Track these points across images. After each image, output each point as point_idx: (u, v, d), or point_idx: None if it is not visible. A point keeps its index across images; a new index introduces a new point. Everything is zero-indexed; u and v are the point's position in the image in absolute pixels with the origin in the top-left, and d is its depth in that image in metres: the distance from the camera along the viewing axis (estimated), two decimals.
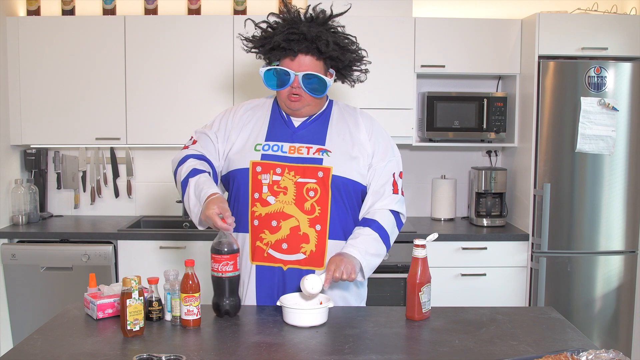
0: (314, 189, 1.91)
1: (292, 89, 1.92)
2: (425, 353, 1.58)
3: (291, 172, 1.92)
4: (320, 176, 1.91)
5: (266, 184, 1.91)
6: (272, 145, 1.96)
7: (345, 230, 1.96)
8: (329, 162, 1.93)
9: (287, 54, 1.91)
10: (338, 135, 2.00)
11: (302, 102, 1.95)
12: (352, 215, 1.99)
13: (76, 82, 3.53)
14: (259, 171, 1.92)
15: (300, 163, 1.93)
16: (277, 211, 1.90)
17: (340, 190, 1.93)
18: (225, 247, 1.76)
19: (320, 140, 1.98)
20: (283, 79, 1.92)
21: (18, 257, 3.32)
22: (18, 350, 1.58)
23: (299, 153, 1.95)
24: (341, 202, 1.94)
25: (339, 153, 1.96)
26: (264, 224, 1.91)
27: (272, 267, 1.91)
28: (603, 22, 3.38)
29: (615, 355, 1.42)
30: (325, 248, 1.91)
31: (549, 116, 3.37)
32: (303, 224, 1.90)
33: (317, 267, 1.91)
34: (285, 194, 1.91)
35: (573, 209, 3.39)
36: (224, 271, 1.76)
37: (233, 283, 1.79)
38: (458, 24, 3.54)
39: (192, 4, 3.65)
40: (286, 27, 1.90)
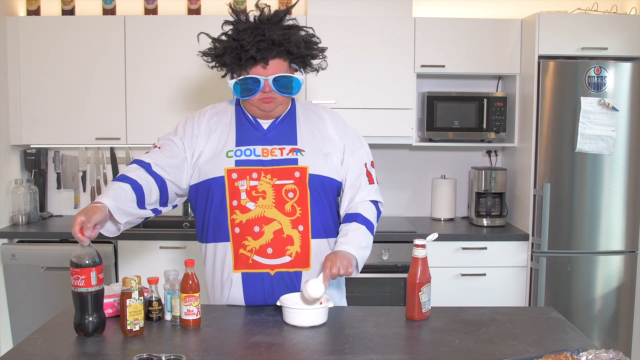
0: (292, 189, 1.90)
1: (264, 93, 1.89)
2: (425, 353, 1.58)
3: (267, 175, 1.90)
4: (297, 176, 1.90)
5: (244, 190, 1.88)
6: (244, 149, 1.93)
7: (326, 229, 1.96)
8: (304, 162, 1.92)
9: (259, 63, 1.86)
10: (308, 133, 1.99)
11: (275, 103, 1.92)
12: (330, 212, 1.99)
13: (76, 82, 3.53)
14: (235, 178, 1.89)
15: (276, 165, 1.91)
16: (258, 216, 1.88)
17: (318, 188, 1.93)
18: (76, 260, 1.63)
19: (292, 140, 1.96)
20: (253, 86, 1.88)
21: (18, 257, 3.32)
22: (18, 350, 1.58)
23: (273, 155, 1.92)
24: (320, 201, 1.94)
25: (312, 151, 1.95)
26: (246, 231, 1.88)
27: (260, 273, 1.89)
28: (603, 22, 3.38)
29: (615, 355, 1.42)
30: (309, 248, 1.90)
31: (549, 116, 3.37)
32: (286, 226, 1.89)
33: (303, 267, 1.90)
34: (265, 198, 1.88)
35: (573, 209, 3.39)
36: (76, 285, 1.64)
37: (84, 299, 1.64)
38: (458, 24, 3.54)
39: (192, 4, 3.65)
40: (250, 35, 1.85)
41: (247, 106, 1.96)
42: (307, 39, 1.95)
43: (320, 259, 1.91)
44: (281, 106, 1.95)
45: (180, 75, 3.52)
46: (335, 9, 3.53)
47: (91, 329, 1.65)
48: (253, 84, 1.88)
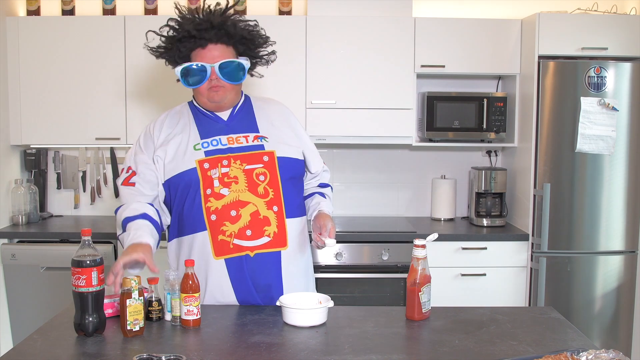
0: (263, 172, 1.94)
1: (211, 81, 1.94)
2: (425, 353, 1.58)
3: (237, 161, 1.94)
4: (266, 160, 1.96)
5: (216, 178, 1.91)
6: (210, 140, 1.98)
7: (299, 208, 2.04)
8: (270, 147, 1.98)
9: (198, 44, 1.93)
10: (266, 123, 2.05)
11: (224, 92, 1.97)
12: (300, 192, 2.10)
13: (76, 82, 3.53)
14: (207, 167, 1.93)
15: (244, 151, 1.96)
16: (233, 201, 1.91)
17: (287, 170, 1.99)
18: (78, 260, 1.64)
19: (253, 128, 2.02)
20: (200, 74, 1.94)
21: (18, 257, 3.32)
22: (18, 350, 1.58)
23: (239, 142, 1.98)
24: (290, 181, 2.00)
25: (274, 137, 2.02)
26: (223, 216, 1.90)
27: (240, 256, 1.90)
28: (603, 22, 3.38)
29: (615, 355, 1.42)
30: (285, 228, 1.94)
31: (549, 116, 3.37)
32: (261, 207, 1.92)
33: (281, 247, 1.93)
34: (237, 183, 1.92)
35: (573, 209, 3.39)
36: (77, 285, 1.64)
37: (84, 299, 1.65)
38: (458, 24, 3.54)
39: (192, 4, 3.65)
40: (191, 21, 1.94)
41: (199, 98, 2.02)
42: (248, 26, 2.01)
43: (295, 237, 1.97)
44: (231, 95, 2.00)
45: None
46: (335, 9, 3.53)
47: (91, 329, 1.65)
48: (199, 72, 1.94)
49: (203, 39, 1.93)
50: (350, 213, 3.95)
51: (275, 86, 3.38)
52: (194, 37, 1.93)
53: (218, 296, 1.95)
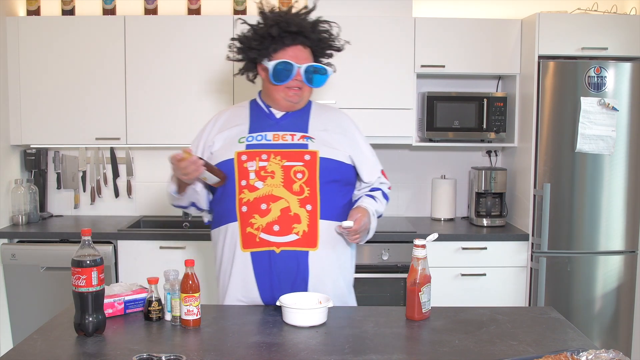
0: (301, 171, 1.93)
1: (296, 82, 1.99)
2: (425, 353, 1.58)
3: (277, 156, 1.94)
4: (307, 159, 1.95)
5: (253, 171, 1.93)
6: (256, 135, 2.00)
7: (336, 211, 1.98)
8: (314, 147, 1.98)
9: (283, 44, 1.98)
10: (319, 126, 2.05)
11: (301, 95, 2.02)
12: (342, 196, 2.03)
13: (76, 82, 3.53)
14: (244, 159, 1.94)
15: (286, 148, 1.96)
16: (266, 194, 1.91)
17: (328, 171, 1.96)
18: (78, 260, 1.64)
19: (303, 128, 2.03)
20: (285, 73, 1.98)
21: (18, 257, 3.32)
22: (18, 350, 1.58)
23: (284, 140, 1.98)
24: (330, 183, 1.97)
25: (322, 141, 2.00)
26: (253, 209, 1.91)
27: (266, 251, 1.90)
28: (603, 22, 3.38)
29: (615, 355, 1.42)
30: (317, 228, 1.91)
31: (549, 116, 3.37)
32: (293, 204, 1.91)
33: (310, 247, 1.90)
34: (273, 178, 1.92)
35: (573, 209, 3.39)
36: (77, 285, 1.64)
37: (84, 299, 1.65)
38: (458, 24, 3.54)
39: (192, 4, 3.65)
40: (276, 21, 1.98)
41: (273, 95, 2.03)
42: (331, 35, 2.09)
43: (329, 240, 1.94)
44: (306, 98, 2.06)
45: (180, 75, 3.52)
46: (335, 9, 3.51)
47: (91, 329, 1.65)
48: (286, 71, 1.97)
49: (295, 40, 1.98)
50: None
51: None
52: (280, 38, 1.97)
53: (240, 289, 1.95)
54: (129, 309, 1.83)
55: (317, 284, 1.93)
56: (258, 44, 2.00)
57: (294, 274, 1.91)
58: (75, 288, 1.65)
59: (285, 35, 1.98)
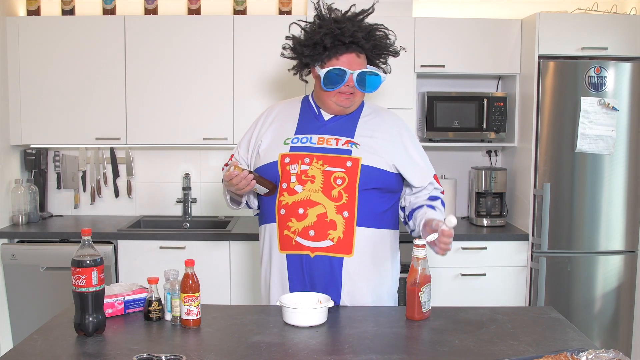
0: (341, 177, 1.93)
1: (347, 87, 1.98)
2: (425, 353, 1.58)
3: (319, 161, 1.94)
4: (349, 165, 1.94)
5: (294, 174, 1.94)
6: (302, 137, 2.00)
7: (375, 219, 1.97)
8: (357, 154, 1.96)
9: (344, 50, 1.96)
10: (367, 131, 2.03)
11: (353, 100, 2.01)
12: (383, 204, 2.00)
13: (76, 82, 3.53)
14: (287, 162, 1.96)
15: (329, 153, 1.95)
16: (304, 199, 1.91)
17: (370, 178, 1.95)
18: (78, 260, 1.64)
19: (350, 133, 2.01)
20: (338, 79, 1.97)
21: (18, 257, 3.32)
22: (18, 350, 1.58)
23: (328, 144, 1.97)
24: (371, 191, 1.95)
25: (367, 147, 1.98)
26: (291, 212, 1.92)
27: (300, 254, 1.92)
28: (603, 22, 3.38)
29: (615, 355, 1.42)
30: (353, 235, 1.91)
31: (549, 116, 3.37)
32: (330, 210, 1.91)
33: (345, 254, 1.91)
34: (313, 182, 1.92)
35: (573, 209, 3.38)
36: (77, 285, 1.64)
37: (84, 298, 1.65)
38: (458, 24, 3.53)
39: (192, 4, 3.65)
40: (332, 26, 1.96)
41: (324, 99, 2.02)
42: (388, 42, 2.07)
43: (365, 247, 1.93)
44: (358, 103, 2.05)
45: (180, 75, 3.52)
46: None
47: (91, 329, 1.65)
48: (338, 77, 1.96)
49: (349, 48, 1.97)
50: None
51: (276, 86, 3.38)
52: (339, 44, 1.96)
53: (278, 289, 1.98)
54: (129, 309, 1.83)
55: (352, 290, 1.94)
56: (311, 50, 2.00)
57: (327, 279, 1.92)
58: (75, 288, 1.65)
59: (339, 44, 1.97)
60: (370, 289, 1.97)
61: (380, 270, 2.01)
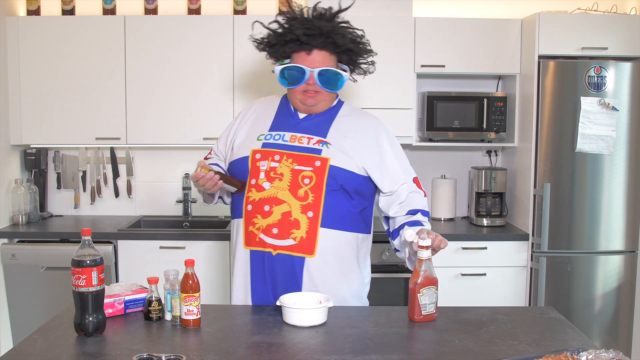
0: (309, 176, 1.92)
1: (308, 85, 1.97)
2: (425, 353, 1.58)
3: (289, 159, 1.93)
4: (318, 165, 1.92)
5: (263, 170, 1.94)
6: (275, 134, 2.00)
7: (340, 221, 1.95)
8: (327, 154, 1.94)
9: (303, 48, 1.96)
10: (340, 132, 2.01)
11: (318, 98, 2.00)
12: (350, 206, 1.98)
13: (76, 82, 3.53)
14: (258, 158, 1.96)
15: (299, 151, 1.95)
16: (271, 196, 1.91)
17: (337, 180, 1.93)
18: (78, 260, 1.64)
19: (323, 133, 1.99)
20: (297, 76, 1.97)
21: (18, 257, 3.32)
22: (18, 350, 1.58)
23: (300, 142, 1.97)
24: (338, 192, 1.94)
25: (338, 148, 1.97)
26: (257, 209, 1.92)
27: (263, 252, 1.92)
28: (603, 22, 3.38)
29: (615, 355, 1.42)
30: (316, 235, 1.90)
31: (549, 116, 3.37)
32: (295, 209, 1.90)
33: (308, 254, 1.90)
34: (281, 180, 1.92)
35: (573, 209, 3.39)
36: (77, 285, 1.64)
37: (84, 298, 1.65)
38: (458, 24, 3.53)
39: (192, 4, 3.65)
40: (300, 23, 1.96)
41: (291, 98, 2.04)
42: (355, 36, 2.03)
43: (328, 248, 1.92)
44: (324, 102, 2.02)
45: (180, 75, 3.52)
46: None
47: (91, 329, 1.65)
48: (298, 74, 1.96)
49: (309, 45, 1.95)
50: None
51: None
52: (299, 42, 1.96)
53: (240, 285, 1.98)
54: (129, 309, 1.83)
55: (313, 290, 1.92)
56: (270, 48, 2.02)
57: (288, 278, 1.91)
58: (75, 288, 1.65)
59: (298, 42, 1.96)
60: (332, 291, 1.94)
61: (345, 273, 1.98)
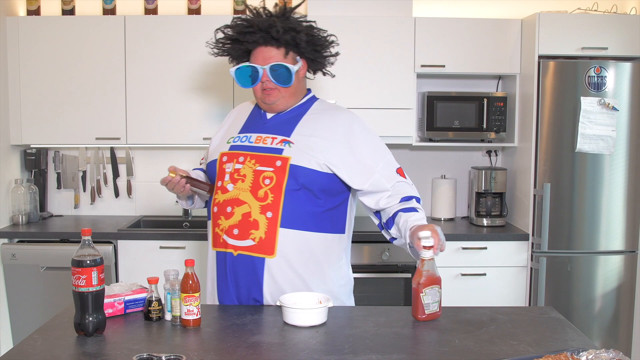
0: (270, 177, 1.91)
1: (263, 83, 1.97)
2: (425, 353, 1.58)
3: (252, 160, 1.94)
4: (278, 165, 1.91)
5: (228, 172, 1.96)
6: (242, 137, 2.02)
7: (300, 221, 1.92)
8: (288, 153, 1.93)
9: (244, 46, 1.99)
10: (307, 130, 1.98)
11: (276, 95, 1.99)
12: (312, 206, 1.94)
13: (76, 82, 3.53)
14: (224, 161, 1.99)
15: (262, 152, 1.96)
16: (233, 198, 1.92)
17: (298, 179, 1.91)
18: (78, 260, 1.64)
19: (287, 132, 1.98)
20: (253, 75, 1.99)
21: (18, 257, 3.32)
22: (18, 350, 1.58)
23: (264, 143, 1.98)
24: (298, 192, 1.91)
25: (301, 146, 1.94)
26: (221, 211, 1.94)
27: (226, 252, 1.94)
28: (603, 22, 3.38)
29: (615, 355, 1.42)
30: (275, 236, 1.89)
31: (549, 116, 3.37)
32: (254, 210, 1.90)
33: (267, 254, 1.89)
34: (244, 182, 1.93)
35: (573, 209, 3.39)
36: (77, 285, 1.64)
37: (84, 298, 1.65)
38: (458, 24, 3.54)
39: (192, 4, 3.65)
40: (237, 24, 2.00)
41: (255, 97, 2.06)
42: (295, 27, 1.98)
43: (289, 249, 1.90)
44: (283, 99, 2.01)
45: (180, 75, 3.52)
46: (335, 9, 3.53)
47: (91, 329, 1.65)
48: (253, 73, 1.98)
49: (247, 42, 1.97)
50: None
51: None
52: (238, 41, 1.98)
53: (209, 286, 2.03)
54: (129, 309, 1.83)
55: (275, 290, 1.91)
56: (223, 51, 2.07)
57: (249, 278, 1.92)
58: (75, 288, 1.65)
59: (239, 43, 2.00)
60: (292, 290, 1.91)
61: (314, 273, 1.96)
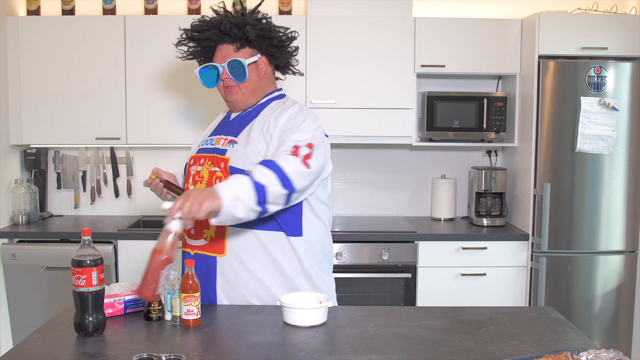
0: (220, 177, 1.93)
1: (224, 81, 1.99)
2: (425, 353, 1.58)
3: (209, 161, 1.97)
4: (223, 166, 1.94)
5: (192, 175, 1.99)
6: (209, 139, 2.04)
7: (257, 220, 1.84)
8: (230, 153, 1.94)
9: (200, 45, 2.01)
10: (254, 130, 1.95)
11: (237, 92, 1.99)
12: None
13: (76, 82, 3.53)
14: (191, 164, 2.02)
15: (214, 153, 1.98)
16: None
17: None
18: (78, 260, 1.64)
19: (237, 131, 1.99)
20: (213, 74, 2.00)
21: (18, 257, 3.32)
22: (18, 350, 1.58)
23: (217, 144, 2.00)
24: None
25: (242, 146, 1.93)
26: None
27: (187, 252, 2.00)
28: (603, 22, 3.38)
29: (615, 355, 1.42)
30: (224, 235, 1.92)
31: (549, 116, 3.37)
32: None
33: (218, 253, 1.93)
34: (202, 183, 1.96)
35: (573, 208, 3.39)
36: (77, 285, 1.64)
37: (84, 298, 1.65)
38: (458, 24, 3.54)
39: (192, 4, 3.65)
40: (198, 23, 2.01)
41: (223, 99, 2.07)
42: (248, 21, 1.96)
43: (239, 248, 1.90)
44: (244, 97, 2.00)
45: (180, 75, 3.52)
46: (335, 9, 3.53)
47: (91, 329, 1.65)
48: (214, 71, 2.00)
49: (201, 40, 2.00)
50: (350, 213, 3.95)
51: None
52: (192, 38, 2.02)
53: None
54: (129, 309, 1.83)
55: (228, 289, 1.92)
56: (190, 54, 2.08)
57: (204, 278, 1.93)
58: (75, 288, 1.65)
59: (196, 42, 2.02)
60: (247, 289, 1.92)
61: (263, 271, 1.93)
